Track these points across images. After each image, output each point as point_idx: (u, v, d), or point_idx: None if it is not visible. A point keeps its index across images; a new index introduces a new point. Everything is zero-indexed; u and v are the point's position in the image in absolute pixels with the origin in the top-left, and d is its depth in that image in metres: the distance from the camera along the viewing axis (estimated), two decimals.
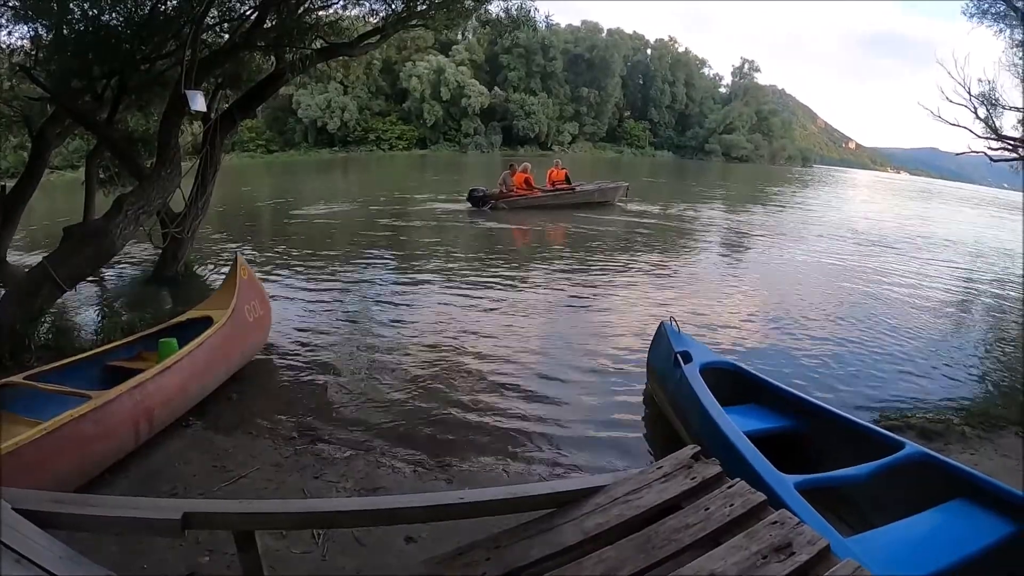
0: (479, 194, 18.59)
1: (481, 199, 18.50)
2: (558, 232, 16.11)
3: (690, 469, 2.83)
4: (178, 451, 4.56)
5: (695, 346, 5.35)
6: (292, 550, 3.37)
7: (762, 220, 20.60)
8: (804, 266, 12.75)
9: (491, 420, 5.33)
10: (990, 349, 8.18)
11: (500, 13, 9.94)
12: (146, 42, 8.00)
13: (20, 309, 5.97)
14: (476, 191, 18.75)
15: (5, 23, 7.90)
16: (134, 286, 9.52)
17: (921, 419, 5.46)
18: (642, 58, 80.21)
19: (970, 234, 22.11)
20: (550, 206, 19.12)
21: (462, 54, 65.18)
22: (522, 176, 19.24)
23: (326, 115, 59.53)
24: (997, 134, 11.84)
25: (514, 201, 18.60)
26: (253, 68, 10.00)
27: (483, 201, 18.46)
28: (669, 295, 9.89)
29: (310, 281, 10.03)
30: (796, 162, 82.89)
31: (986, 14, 10.93)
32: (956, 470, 3.46)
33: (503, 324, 8.05)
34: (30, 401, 4.20)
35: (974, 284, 12.67)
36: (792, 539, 2.32)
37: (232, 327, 5.67)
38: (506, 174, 19.25)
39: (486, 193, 18.65)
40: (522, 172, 19.35)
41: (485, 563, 2.38)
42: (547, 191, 19.57)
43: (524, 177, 19.23)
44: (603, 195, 20.78)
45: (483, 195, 18.56)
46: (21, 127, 10.82)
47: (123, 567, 3.06)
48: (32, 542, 2.04)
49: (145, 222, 7.40)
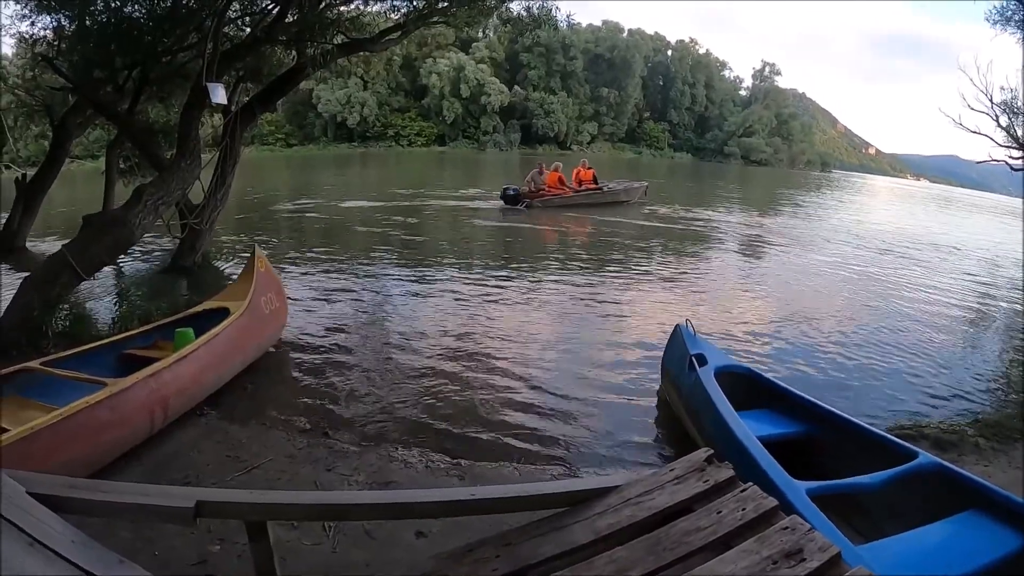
0: (512, 192, 18.81)
1: (515, 197, 18.71)
2: (578, 231, 16.14)
3: (703, 472, 2.81)
4: (192, 440, 4.59)
5: (710, 349, 5.32)
6: (303, 542, 3.38)
7: (780, 225, 20.44)
8: (821, 272, 12.64)
9: (504, 418, 5.33)
10: (1005, 360, 8.09)
11: (521, 11, 9.97)
12: (168, 34, 8.07)
13: (38, 296, 6.03)
14: (509, 189, 18.97)
15: (29, 13, 7.99)
16: (151, 276, 9.59)
17: (935, 429, 5.40)
18: (663, 59, 79.93)
19: (987, 243, 21.85)
20: (580, 204, 19.29)
21: (482, 52, 65.16)
22: (555, 175, 19.51)
23: (346, 110, 59.77)
24: (1019, 143, 11.70)
25: (548, 200, 18.84)
26: (274, 62, 10.07)
27: (517, 199, 18.67)
28: (685, 297, 9.86)
29: (327, 275, 10.07)
30: (815, 167, 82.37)
31: (1010, 21, 10.78)
32: (969, 481, 3.42)
33: (519, 322, 8.05)
34: (46, 387, 4.25)
35: (991, 294, 12.51)
36: (803, 545, 2.30)
37: (248, 318, 5.71)
38: (534, 173, 19.52)
39: (519, 191, 18.88)
40: (554, 171, 19.62)
41: (495, 560, 2.37)
42: (578, 190, 19.81)
43: (557, 176, 19.53)
44: (628, 194, 21.19)
45: (516, 193, 18.78)
46: (43, 116, 10.98)
47: (134, 554, 3.07)
48: (45, 526, 2.05)
49: (164, 213, 7.45)
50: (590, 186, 20.00)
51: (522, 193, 18.86)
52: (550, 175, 19.49)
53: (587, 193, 19.79)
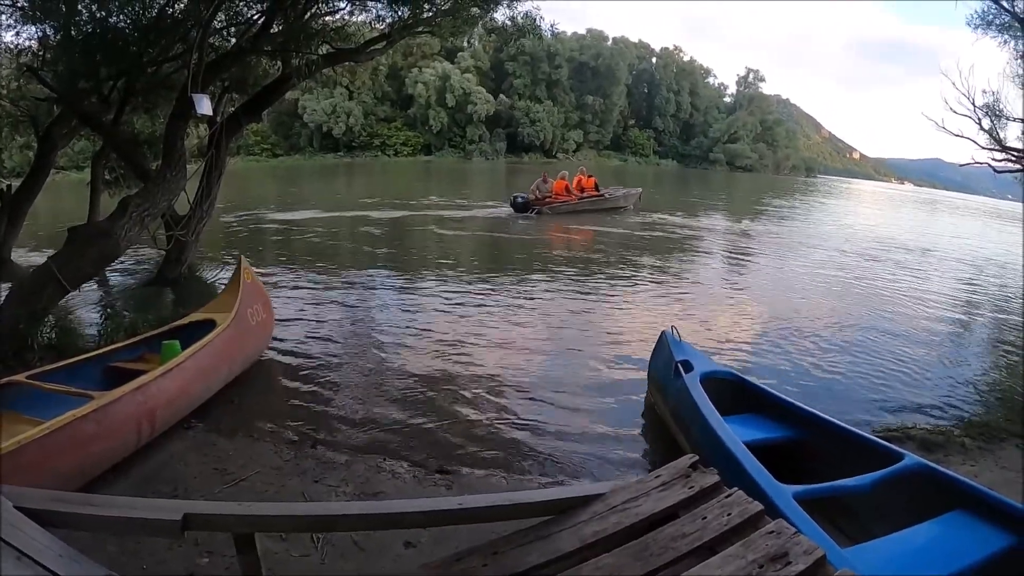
0: (522, 200, 19.79)
1: (524, 205, 19.71)
2: (573, 238, 16.28)
3: (688, 478, 2.83)
4: (179, 453, 4.57)
5: (696, 355, 5.35)
6: (291, 553, 3.37)
7: (764, 230, 20.59)
8: (806, 277, 12.74)
9: (491, 427, 5.35)
10: (991, 360, 8.18)
11: (506, 21, 9.97)
12: (153, 45, 8.04)
13: (23, 308, 5.98)
14: (518, 198, 19.93)
15: (13, 23, 7.95)
16: (137, 288, 9.52)
17: (921, 430, 5.46)
18: (647, 67, 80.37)
19: (971, 245, 22.10)
20: (584, 211, 20.25)
21: (468, 61, 65.30)
22: (562, 183, 20.58)
23: (331, 120, 59.66)
24: (1001, 145, 11.79)
25: (555, 207, 19.89)
26: (259, 72, 10.04)
27: (526, 207, 19.65)
28: (670, 304, 9.91)
29: (314, 286, 10.06)
30: (800, 172, 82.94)
31: (991, 25, 10.90)
32: (956, 482, 3.45)
33: (505, 332, 8.06)
34: (33, 400, 4.22)
35: (975, 295, 12.66)
36: (789, 549, 2.32)
37: (235, 330, 5.69)
38: (539, 182, 20.51)
39: (527, 199, 19.80)
40: (560, 180, 20.67)
41: (482, 569, 2.38)
42: (583, 197, 20.84)
43: (564, 184, 20.60)
44: (626, 200, 22.38)
45: (525, 201, 19.76)
46: (27, 127, 10.90)
47: (122, 567, 3.07)
48: (33, 540, 2.05)
49: (150, 224, 7.41)
50: (593, 193, 21.15)
51: (531, 201, 19.73)
52: (556, 183, 20.49)
53: (591, 200, 20.82)
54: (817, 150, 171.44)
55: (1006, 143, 11.81)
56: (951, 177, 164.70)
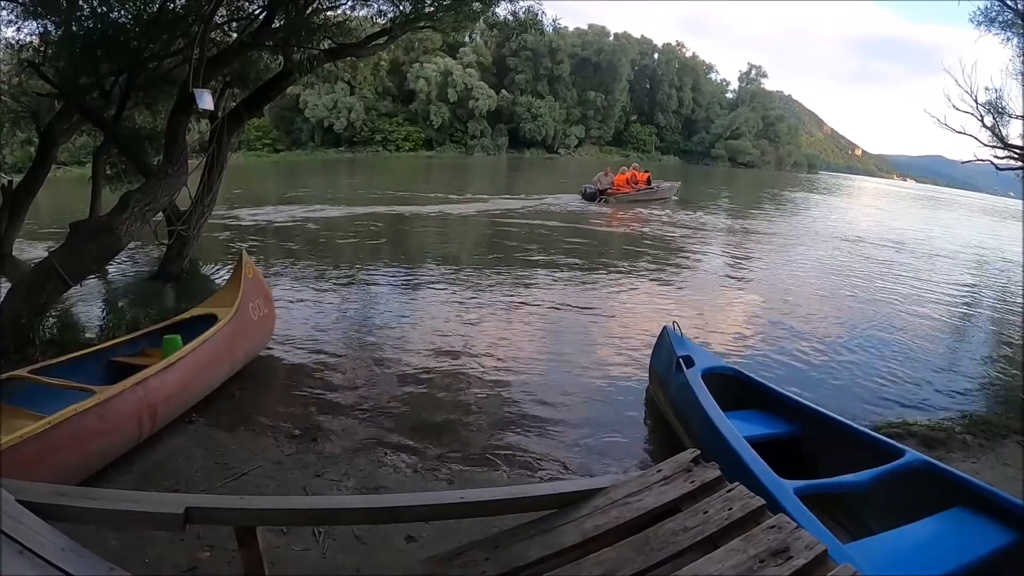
0: (591, 191, 23.19)
1: (593, 195, 22.98)
2: (572, 231, 16.17)
3: (689, 473, 2.83)
4: (181, 447, 4.58)
5: (697, 351, 5.35)
6: (293, 547, 3.38)
7: (766, 226, 20.57)
8: (807, 273, 12.73)
9: (492, 421, 5.35)
10: (992, 357, 8.16)
11: (508, 16, 9.95)
12: (154, 40, 8.04)
13: (25, 303, 5.99)
14: (587, 188, 23.45)
15: (15, 19, 7.95)
16: (139, 283, 9.54)
17: (923, 427, 5.46)
18: (649, 62, 79.96)
19: (973, 242, 22.07)
20: (639, 200, 23.64)
21: (470, 56, 65.00)
22: (623, 176, 24.20)
23: (333, 115, 59.43)
24: (1003, 142, 11.78)
25: (620, 196, 23.27)
26: (261, 67, 10.04)
27: (595, 196, 22.87)
28: (672, 299, 9.90)
29: (315, 281, 10.06)
30: (802, 168, 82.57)
31: (993, 22, 10.86)
32: (956, 478, 3.45)
33: (508, 326, 8.07)
34: (35, 395, 4.22)
35: (976, 292, 12.65)
36: (790, 544, 2.32)
37: (236, 325, 5.70)
38: (600, 175, 24.11)
39: (595, 189, 23.10)
40: (622, 174, 24.36)
41: (484, 563, 2.38)
42: (640, 189, 24.21)
43: (625, 177, 24.17)
44: (669, 191, 25.87)
45: (594, 191, 23.07)
46: (28, 123, 10.88)
47: (124, 561, 3.05)
48: (35, 533, 2.05)
49: (151, 219, 7.41)
50: (644, 186, 24.44)
51: (599, 190, 23.01)
52: (618, 176, 24.03)
53: (646, 191, 24.37)
54: (819, 146, 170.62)
55: (1008, 140, 11.80)
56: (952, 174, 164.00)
